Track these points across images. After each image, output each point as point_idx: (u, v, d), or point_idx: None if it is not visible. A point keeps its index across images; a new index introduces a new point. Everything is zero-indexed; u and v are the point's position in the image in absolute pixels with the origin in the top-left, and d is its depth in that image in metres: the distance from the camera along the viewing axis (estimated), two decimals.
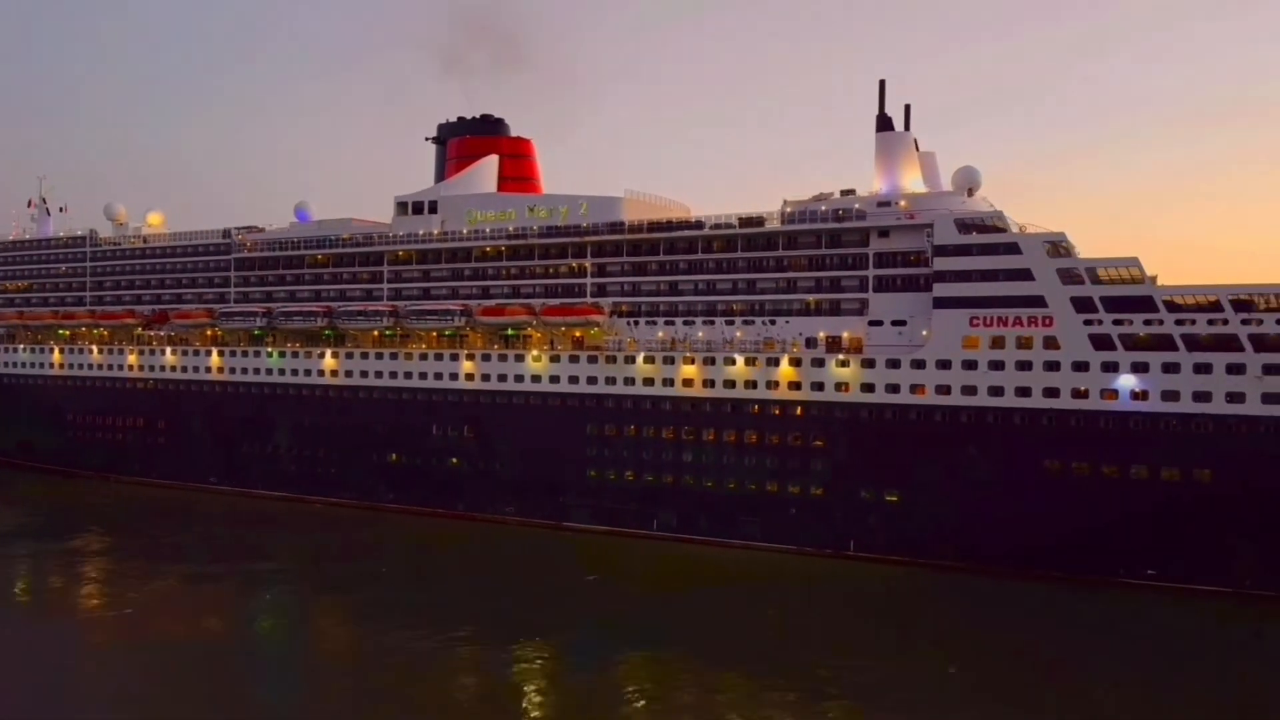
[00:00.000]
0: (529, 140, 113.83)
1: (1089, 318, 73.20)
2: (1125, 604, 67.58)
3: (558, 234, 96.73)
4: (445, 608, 69.41)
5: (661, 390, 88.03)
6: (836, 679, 55.09)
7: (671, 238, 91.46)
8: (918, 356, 78.36)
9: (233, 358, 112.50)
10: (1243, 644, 61.62)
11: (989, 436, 75.51)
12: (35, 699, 52.60)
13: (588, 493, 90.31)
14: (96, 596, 73.41)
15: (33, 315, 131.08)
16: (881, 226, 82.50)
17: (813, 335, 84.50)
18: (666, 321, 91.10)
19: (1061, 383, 73.60)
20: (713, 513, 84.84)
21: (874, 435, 79.67)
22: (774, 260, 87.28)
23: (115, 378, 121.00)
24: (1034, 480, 73.62)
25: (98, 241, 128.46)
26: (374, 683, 54.81)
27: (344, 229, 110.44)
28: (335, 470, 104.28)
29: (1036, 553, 72.63)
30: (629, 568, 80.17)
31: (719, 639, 62.01)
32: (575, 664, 58.17)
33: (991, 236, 77.50)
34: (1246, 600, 66.92)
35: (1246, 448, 68.31)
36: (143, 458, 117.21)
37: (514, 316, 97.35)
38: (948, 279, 78.01)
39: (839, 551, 79.60)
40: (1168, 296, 71.85)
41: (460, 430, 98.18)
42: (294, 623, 68.63)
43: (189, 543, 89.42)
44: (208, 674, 56.55)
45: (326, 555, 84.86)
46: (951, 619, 66.83)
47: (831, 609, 69.72)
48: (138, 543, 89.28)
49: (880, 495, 79.05)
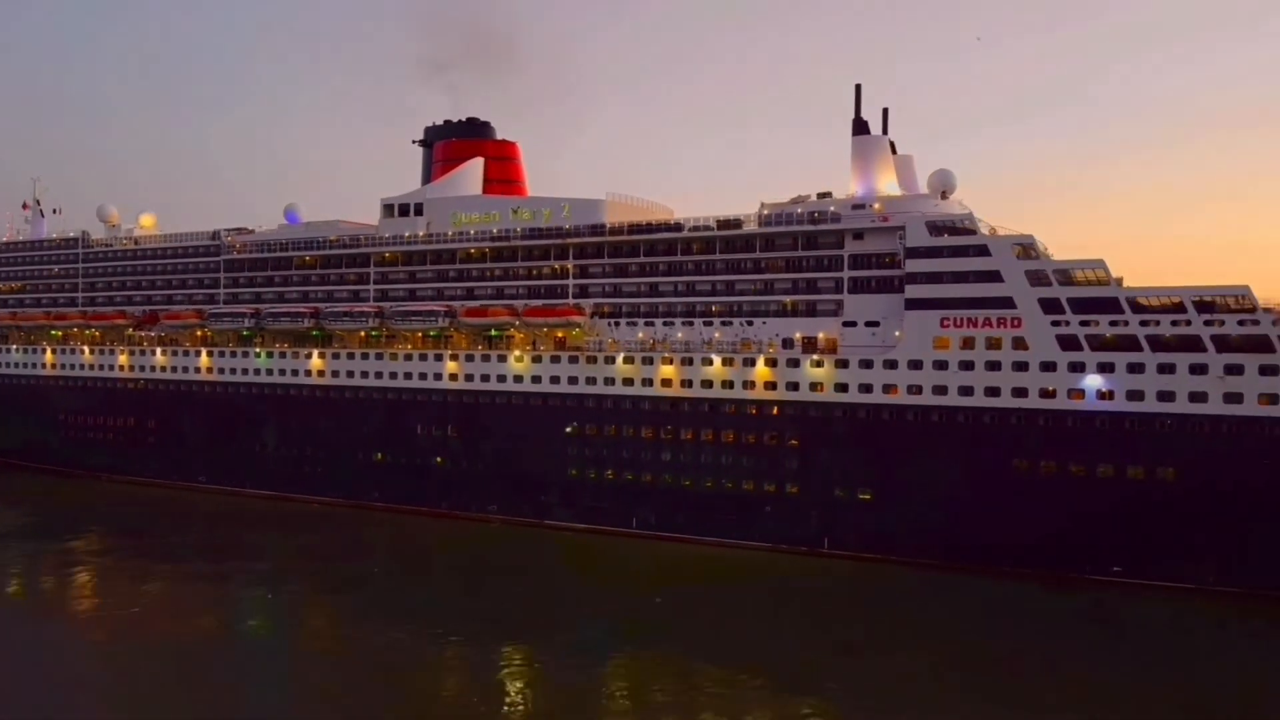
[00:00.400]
0: (514, 143, 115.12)
1: (1056, 319, 74.40)
2: (1090, 600, 68.88)
3: (540, 236, 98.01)
4: (437, 607, 70.17)
5: (641, 390, 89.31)
6: (809, 673, 56.51)
7: (651, 240, 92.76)
8: (890, 357, 79.60)
9: (222, 358, 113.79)
10: (1207, 638, 62.77)
11: (959, 436, 76.73)
12: (37, 697, 53.80)
13: (568, 491, 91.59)
14: (94, 596, 74.46)
15: (26, 316, 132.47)
16: (856, 229, 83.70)
17: (789, 336, 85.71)
18: (647, 322, 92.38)
19: (1030, 383, 74.82)
20: (691, 511, 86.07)
21: (847, 435, 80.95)
22: (751, 262, 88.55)
23: (106, 378, 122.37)
24: (1003, 479, 74.83)
25: (90, 243, 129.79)
26: (359, 679, 55.65)
27: (332, 231, 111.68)
28: (323, 469, 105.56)
29: (1006, 550, 73.85)
30: (609, 565, 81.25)
31: (700, 636, 62.95)
32: (563, 662, 58.71)
33: (961, 239, 78.67)
34: (1210, 596, 68.07)
35: (1209, 447, 69.52)
36: (133, 457, 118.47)
37: (497, 317, 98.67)
38: (919, 280, 79.23)
39: (813, 549, 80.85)
40: (1133, 297, 73.08)
41: (444, 430, 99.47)
42: (284, 622, 69.14)
43: (178, 543, 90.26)
44: (199, 673, 57.32)
45: (316, 555, 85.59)
46: (918, 614, 67.88)
47: (806, 605, 70.67)
48: (130, 543, 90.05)
49: (854, 494, 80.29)
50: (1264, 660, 60.09)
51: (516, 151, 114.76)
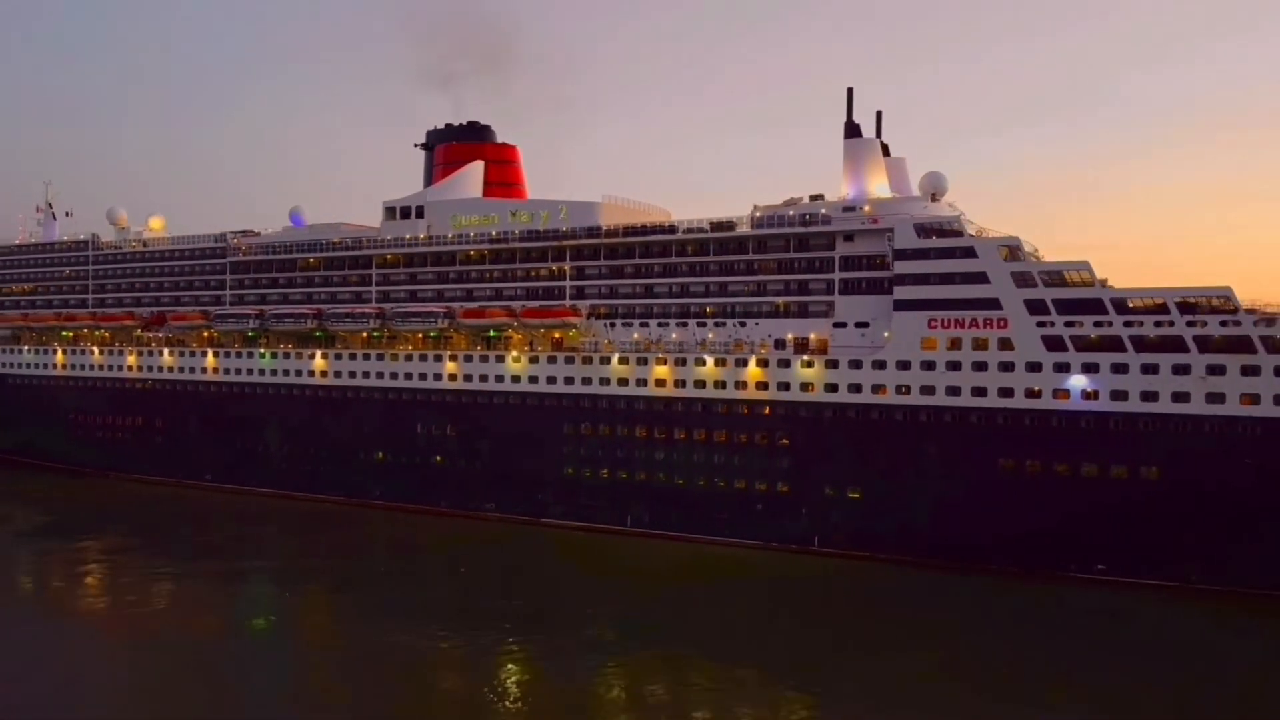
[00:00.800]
0: (514, 146, 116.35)
1: (1042, 319, 75.15)
2: (1075, 597, 69.58)
3: (538, 238, 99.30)
4: (437, 606, 71.05)
5: (635, 390, 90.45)
6: (803, 670, 57.46)
7: (646, 241, 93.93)
8: (879, 358, 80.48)
9: (227, 359, 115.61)
10: (1190, 634, 63.49)
11: (946, 435, 77.57)
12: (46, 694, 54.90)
13: (564, 490, 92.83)
14: (105, 594, 75.58)
15: (37, 317, 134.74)
16: (846, 231, 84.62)
17: (781, 337, 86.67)
18: (642, 323, 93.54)
19: (1015, 383, 75.59)
20: (684, 510, 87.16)
21: (837, 434, 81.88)
22: (744, 264, 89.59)
23: (115, 378, 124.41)
24: (989, 478, 75.65)
25: (99, 245, 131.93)
26: (362, 676, 56.62)
27: (335, 233, 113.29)
28: (325, 468, 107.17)
29: (992, 548, 74.65)
30: (606, 563, 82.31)
31: (696, 633, 63.90)
32: (562, 660, 59.46)
33: (949, 240, 79.46)
34: (1193, 594, 68.73)
35: (1192, 446, 70.16)
36: (141, 456, 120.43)
37: (495, 318, 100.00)
38: (907, 282, 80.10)
39: (804, 547, 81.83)
40: (1117, 299, 73.78)
41: (443, 429, 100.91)
42: (289, 620, 70.29)
43: (186, 540, 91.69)
44: (208, 671, 58.37)
45: (322, 552, 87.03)
46: (909, 612, 68.64)
47: (799, 602, 71.50)
48: (140, 541, 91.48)
49: (843, 492, 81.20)
50: (1265, 660, 60.56)
51: (516, 155, 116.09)
